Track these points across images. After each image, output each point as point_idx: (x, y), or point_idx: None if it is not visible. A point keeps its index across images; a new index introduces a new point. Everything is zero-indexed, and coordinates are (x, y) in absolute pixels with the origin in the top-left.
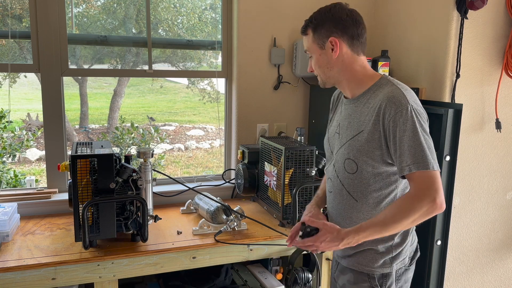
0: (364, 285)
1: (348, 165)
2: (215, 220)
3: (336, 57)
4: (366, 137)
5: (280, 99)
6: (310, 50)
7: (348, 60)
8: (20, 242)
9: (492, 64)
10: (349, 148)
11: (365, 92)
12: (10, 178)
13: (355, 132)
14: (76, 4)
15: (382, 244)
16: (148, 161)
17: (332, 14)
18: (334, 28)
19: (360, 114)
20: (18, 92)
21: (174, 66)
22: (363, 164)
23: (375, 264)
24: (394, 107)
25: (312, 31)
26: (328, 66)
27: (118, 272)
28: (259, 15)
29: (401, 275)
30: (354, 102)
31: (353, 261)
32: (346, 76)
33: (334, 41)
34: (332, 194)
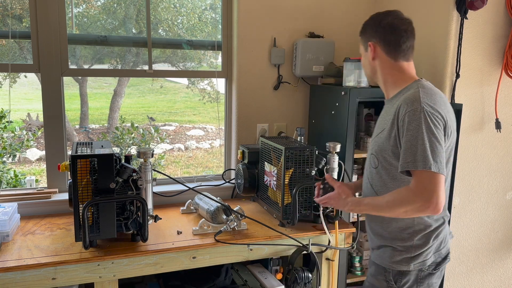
0: (380, 278)
1: (372, 160)
2: (215, 220)
3: (373, 59)
4: (386, 135)
5: (280, 99)
6: (360, 51)
7: (384, 64)
8: (20, 242)
9: (492, 64)
10: (373, 144)
11: (396, 94)
12: (10, 178)
13: (379, 130)
14: (76, 4)
15: (401, 243)
16: (148, 161)
17: (375, 21)
18: (374, 33)
19: (386, 114)
20: (18, 92)
21: (174, 66)
22: (382, 161)
23: (392, 260)
24: (406, 107)
25: (360, 33)
26: (369, 66)
27: (118, 272)
28: (259, 15)
29: (423, 278)
30: (388, 102)
31: (376, 255)
32: (382, 78)
33: (371, 46)
34: (363, 183)
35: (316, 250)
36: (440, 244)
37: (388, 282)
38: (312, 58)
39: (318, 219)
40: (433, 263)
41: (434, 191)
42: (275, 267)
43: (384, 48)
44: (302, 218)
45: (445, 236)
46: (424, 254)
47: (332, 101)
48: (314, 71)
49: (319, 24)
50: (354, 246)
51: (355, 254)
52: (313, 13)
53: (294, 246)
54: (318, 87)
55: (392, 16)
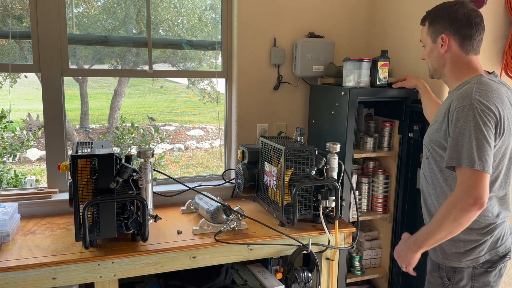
0: (434, 274)
1: (425, 151)
2: (215, 220)
3: (444, 53)
4: (437, 127)
5: (280, 99)
6: (424, 41)
7: (454, 58)
8: (21, 242)
9: (491, 64)
10: (427, 136)
11: (456, 87)
12: (10, 178)
13: (432, 122)
14: (76, 4)
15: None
16: (148, 161)
17: (450, 12)
18: (448, 26)
19: (442, 106)
20: (18, 92)
21: (174, 66)
22: (432, 152)
23: (443, 256)
24: (457, 103)
25: (428, 23)
26: (436, 59)
27: (119, 271)
28: (259, 15)
29: (478, 275)
30: (449, 94)
31: (432, 251)
32: (449, 72)
33: (445, 38)
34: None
35: (316, 250)
36: (496, 241)
37: (442, 279)
38: (312, 58)
39: (318, 219)
40: (488, 261)
41: (475, 188)
42: (275, 267)
43: (458, 41)
44: (302, 218)
45: (504, 233)
46: (476, 251)
47: (332, 101)
48: (314, 71)
49: (319, 24)
50: (354, 246)
51: (355, 254)
52: (313, 13)
53: (294, 246)
54: (318, 87)
55: (466, 8)
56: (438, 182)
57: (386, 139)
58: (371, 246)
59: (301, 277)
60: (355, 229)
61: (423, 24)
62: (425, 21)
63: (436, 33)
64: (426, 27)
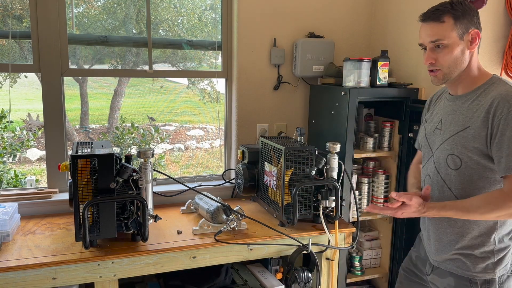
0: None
1: (451, 161)
2: (215, 220)
3: (472, 51)
4: (473, 133)
5: (280, 99)
6: (447, 39)
7: (474, 57)
8: (21, 242)
9: (491, 64)
10: (453, 144)
11: (476, 89)
12: (10, 178)
13: (460, 128)
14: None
15: (482, 249)
16: (148, 161)
17: (472, 9)
18: (474, 22)
19: (467, 111)
20: (18, 92)
21: (174, 66)
22: (468, 160)
23: (476, 269)
24: (507, 106)
25: (454, 19)
26: (462, 59)
27: (119, 271)
28: (259, 15)
29: (503, 282)
30: (462, 98)
31: (454, 265)
32: (467, 72)
33: (475, 34)
34: (431, 190)
35: (316, 250)
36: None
37: None
38: (312, 58)
39: (318, 219)
40: (511, 265)
41: None
42: (275, 267)
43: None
44: (302, 218)
45: None
46: (506, 257)
47: (332, 101)
48: (314, 71)
49: (319, 24)
50: (354, 246)
51: (355, 254)
52: (313, 13)
53: (294, 246)
54: (318, 87)
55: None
56: (476, 192)
57: (386, 139)
58: (371, 246)
59: (301, 277)
60: (355, 229)
61: (440, 21)
62: (444, 16)
63: (464, 29)
64: (449, 23)
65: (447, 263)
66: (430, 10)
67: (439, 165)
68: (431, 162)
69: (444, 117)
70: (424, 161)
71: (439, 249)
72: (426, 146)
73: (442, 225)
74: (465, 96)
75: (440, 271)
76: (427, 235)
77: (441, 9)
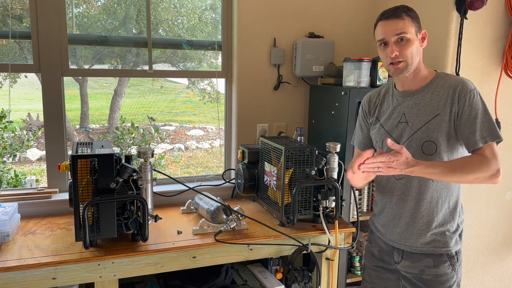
0: (445, 265)
1: (427, 147)
2: (215, 219)
3: (422, 47)
4: (443, 118)
5: (280, 99)
6: (409, 32)
7: (421, 55)
8: (21, 242)
9: (491, 64)
10: (428, 131)
11: (429, 83)
12: (10, 178)
13: (431, 116)
14: (76, 5)
15: (453, 223)
16: (148, 161)
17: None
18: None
19: (431, 101)
20: (18, 92)
21: (174, 66)
22: (441, 143)
23: (451, 244)
24: (467, 90)
25: (410, 18)
26: (417, 53)
27: (119, 271)
28: (259, 15)
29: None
30: (420, 92)
31: (432, 246)
32: (418, 68)
33: (425, 34)
34: (403, 179)
35: (316, 250)
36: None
37: (453, 265)
38: (312, 58)
39: (318, 219)
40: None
41: (499, 161)
42: (275, 267)
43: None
44: (302, 218)
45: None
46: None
47: (332, 101)
48: (314, 71)
49: (319, 24)
50: (354, 246)
51: (355, 254)
52: (313, 13)
53: (294, 246)
54: (318, 87)
55: None
56: None
57: None
58: None
59: (301, 277)
60: (355, 229)
61: (400, 17)
62: (404, 14)
63: (417, 28)
64: (408, 20)
65: (423, 246)
66: (391, 9)
67: (413, 153)
68: None
69: (407, 111)
70: None
71: (413, 233)
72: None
73: (418, 209)
74: (422, 90)
75: (413, 256)
76: (396, 222)
77: (400, 9)
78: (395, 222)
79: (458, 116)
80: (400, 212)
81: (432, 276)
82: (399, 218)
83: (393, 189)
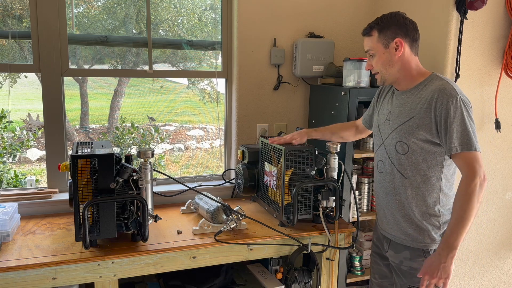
0: (420, 260)
1: (400, 147)
2: (215, 219)
3: (399, 56)
4: (417, 122)
5: (280, 99)
6: (374, 49)
7: (407, 59)
8: (21, 242)
9: (491, 64)
10: (401, 132)
11: (417, 85)
12: (10, 178)
13: (406, 118)
14: (76, 5)
15: (433, 220)
16: (148, 161)
17: (397, 20)
18: (399, 30)
19: (411, 103)
20: (18, 92)
21: (174, 66)
22: (413, 146)
23: (428, 240)
24: (446, 98)
25: (378, 32)
26: (390, 64)
27: (119, 271)
28: (259, 15)
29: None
30: (406, 93)
31: (410, 239)
32: (404, 73)
33: (399, 42)
34: (382, 174)
35: (316, 250)
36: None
37: None
38: (312, 58)
39: (318, 219)
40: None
41: (480, 166)
42: (275, 267)
43: (408, 44)
44: (302, 218)
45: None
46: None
47: (332, 101)
48: (314, 71)
49: (319, 24)
50: (354, 246)
51: (355, 254)
52: (313, 13)
53: (294, 246)
54: (318, 87)
55: (407, 17)
56: (421, 173)
57: None
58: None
59: (301, 277)
60: (355, 229)
61: (368, 35)
62: (372, 31)
63: (388, 39)
64: (375, 36)
65: (402, 237)
66: (365, 27)
67: (389, 151)
68: (382, 148)
69: (392, 110)
70: (375, 147)
71: (394, 225)
72: (378, 135)
73: (394, 203)
74: (409, 91)
75: (396, 246)
76: (383, 213)
77: (371, 25)
78: (383, 212)
79: (437, 123)
80: (384, 203)
81: (408, 268)
82: (384, 209)
83: (377, 182)
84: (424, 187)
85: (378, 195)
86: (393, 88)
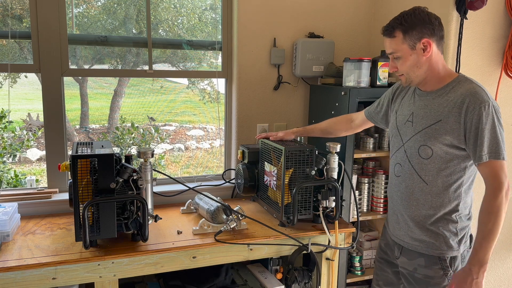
0: (436, 268)
1: (423, 151)
2: (215, 219)
3: (428, 57)
4: (445, 127)
5: (280, 99)
6: (399, 51)
7: (435, 59)
8: (21, 242)
9: (491, 64)
10: (426, 136)
11: (445, 86)
12: (10, 178)
13: (432, 121)
14: (76, 5)
15: (450, 227)
16: (148, 161)
17: (422, 18)
18: (425, 29)
19: (438, 106)
20: (18, 92)
21: (174, 66)
22: (438, 150)
23: (445, 248)
24: (478, 103)
25: (403, 33)
26: (418, 65)
27: (119, 271)
28: (259, 15)
29: (465, 256)
30: (432, 94)
31: (425, 246)
32: (431, 74)
33: (427, 42)
34: (400, 178)
35: (316, 250)
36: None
37: (445, 270)
38: (312, 58)
39: (318, 219)
40: (469, 241)
41: (506, 176)
42: (275, 267)
43: (436, 43)
44: (302, 218)
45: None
46: (466, 235)
47: (332, 101)
48: (314, 71)
49: (319, 24)
50: (354, 246)
51: (355, 254)
52: (313, 13)
53: (294, 246)
54: (318, 87)
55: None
56: (443, 178)
57: (386, 139)
58: (371, 246)
59: (301, 277)
60: (355, 229)
61: (391, 36)
62: (395, 32)
63: (415, 40)
64: (399, 38)
65: (417, 244)
66: (385, 27)
67: (410, 154)
68: (402, 151)
69: (416, 111)
70: (393, 149)
71: (409, 231)
72: (397, 136)
73: (411, 208)
74: (435, 93)
75: (409, 253)
76: (396, 218)
77: (392, 25)
78: (396, 218)
79: (467, 128)
80: (398, 208)
81: (423, 276)
82: (398, 214)
83: (393, 186)
84: (445, 193)
85: (392, 200)
86: (414, 87)
